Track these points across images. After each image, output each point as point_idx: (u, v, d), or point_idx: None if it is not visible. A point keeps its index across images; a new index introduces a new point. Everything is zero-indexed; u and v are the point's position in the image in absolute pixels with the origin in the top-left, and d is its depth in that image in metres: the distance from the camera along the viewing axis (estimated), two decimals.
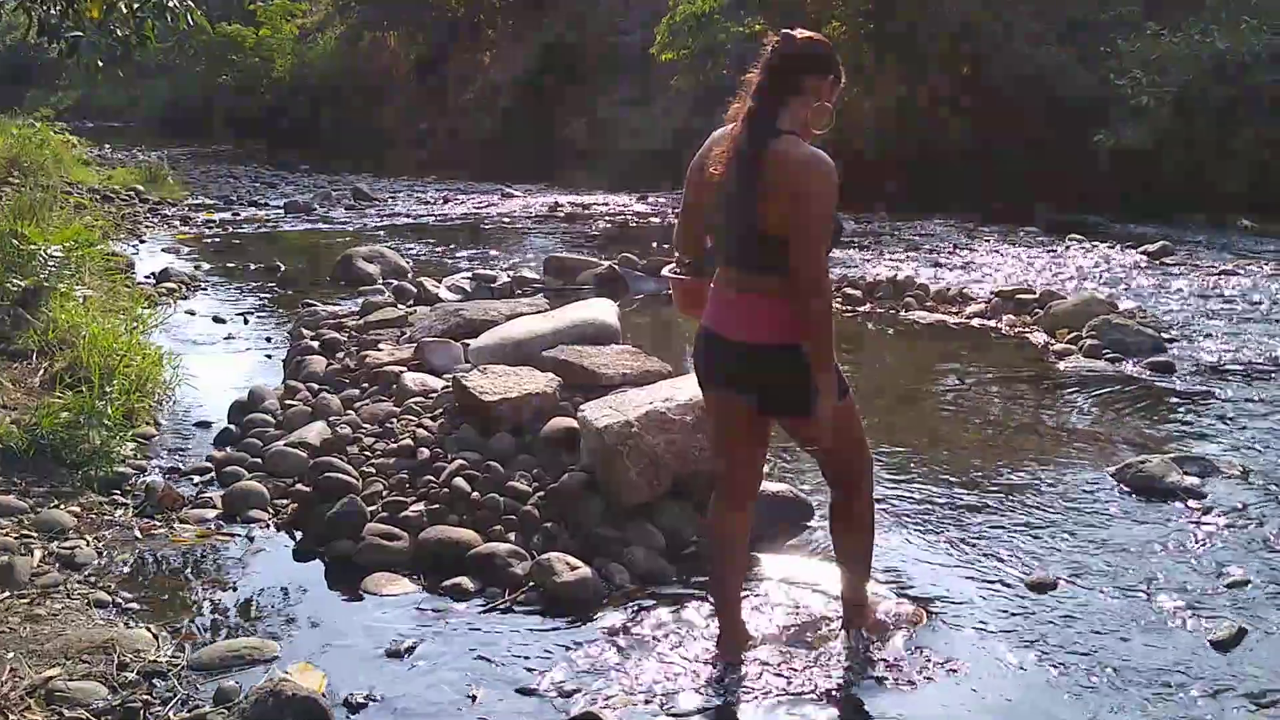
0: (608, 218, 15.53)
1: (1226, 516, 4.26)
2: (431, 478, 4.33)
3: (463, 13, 37.68)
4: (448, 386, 5.01)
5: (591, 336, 5.29)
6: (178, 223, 14.68)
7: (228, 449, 5.25)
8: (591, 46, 29.07)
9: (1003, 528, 4.26)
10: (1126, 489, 4.59)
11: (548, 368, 4.99)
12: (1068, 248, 11.71)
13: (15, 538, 3.99)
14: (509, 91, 31.95)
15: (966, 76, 18.56)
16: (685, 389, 4.37)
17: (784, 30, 2.92)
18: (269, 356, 7.34)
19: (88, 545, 4.03)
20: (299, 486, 4.37)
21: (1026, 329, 7.69)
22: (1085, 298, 7.69)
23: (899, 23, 19.11)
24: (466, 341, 5.73)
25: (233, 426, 5.58)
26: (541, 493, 4.21)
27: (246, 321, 8.54)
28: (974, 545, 4.10)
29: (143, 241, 12.80)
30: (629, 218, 15.53)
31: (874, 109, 19.38)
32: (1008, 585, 3.75)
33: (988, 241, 12.31)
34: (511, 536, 4.00)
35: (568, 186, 20.12)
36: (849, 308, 8.57)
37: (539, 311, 6.06)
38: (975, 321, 8.00)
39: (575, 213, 16.10)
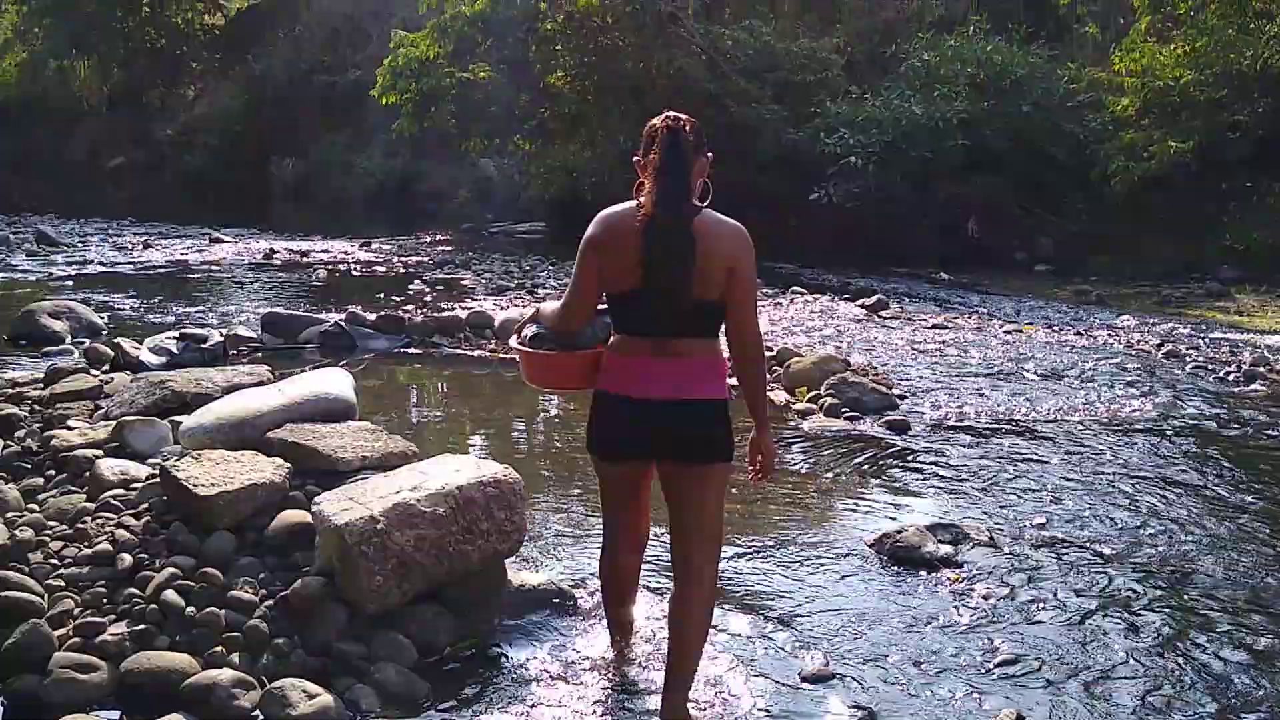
0: (328, 265, 14.75)
1: (985, 586, 4.29)
2: (136, 590, 3.68)
3: (164, 44, 35.40)
4: (154, 476, 4.35)
5: (325, 412, 4.76)
6: None
7: None
8: (301, 85, 27.94)
9: (768, 610, 4.10)
10: (886, 559, 4.56)
11: (275, 451, 4.42)
12: (791, 301, 12.08)
13: None
14: (215, 127, 30.24)
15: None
16: (433, 474, 3.96)
17: (671, 114, 3.17)
18: None
19: None
20: None
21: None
22: (822, 356, 7.84)
23: (619, 76, 19.41)
24: (177, 419, 5.05)
25: None
26: (270, 602, 3.67)
27: None
28: (740, 632, 3.91)
29: None
30: (352, 266, 14.82)
31: (596, 158, 19.56)
32: (780, 680, 3.56)
33: None
34: (236, 659, 3.44)
35: (283, 231, 19.07)
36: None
37: (261, 383, 5.45)
38: None
39: (293, 260, 15.22)
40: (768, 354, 8.04)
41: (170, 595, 3.61)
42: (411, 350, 8.84)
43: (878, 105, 17.28)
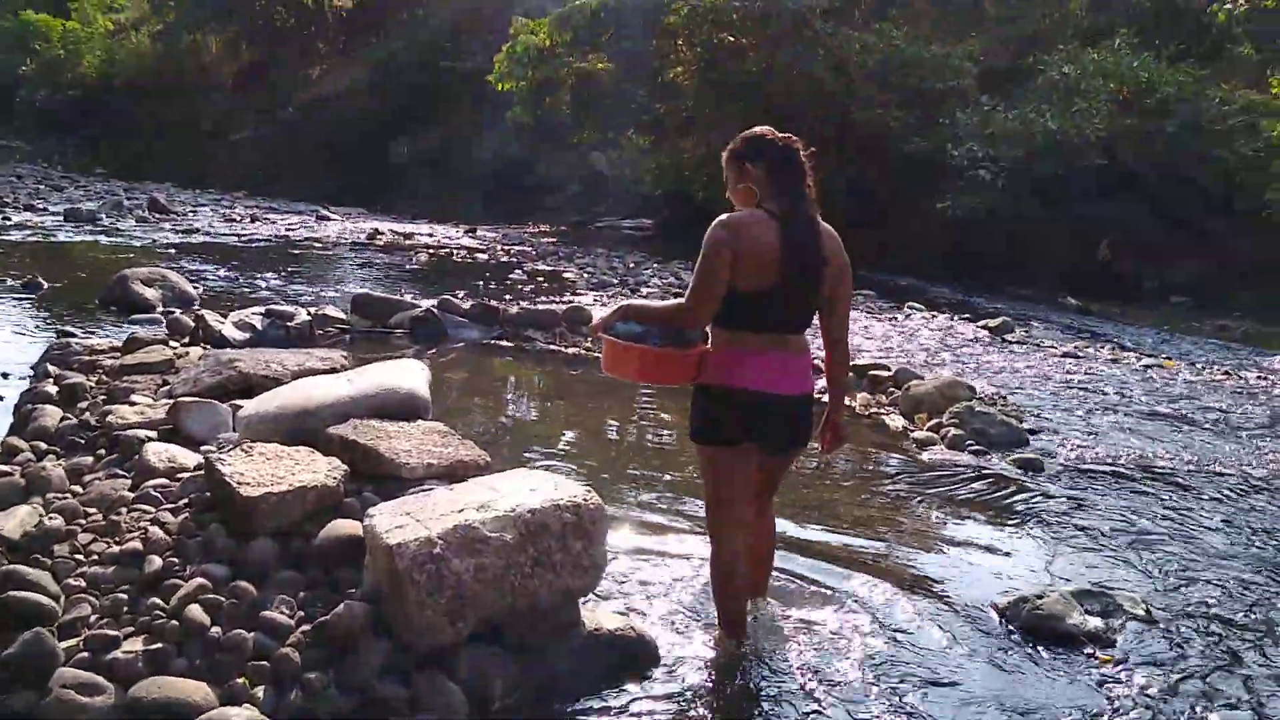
0: (430, 250, 14.45)
1: (1144, 675, 3.59)
2: (159, 600, 3.24)
3: (293, 23, 35.92)
4: (201, 467, 3.92)
5: (394, 408, 4.29)
6: None
7: None
8: (422, 69, 27.92)
9: (877, 680, 3.48)
10: (1019, 630, 3.89)
11: (333, 449, 3.96)
12: (908, 316, 11.35)
13: None
14: (337, 107, 30.47)
15: (808, 133, 18.42)
16: (504, 490, 3.44)
17: (778, 131, 3.44)
18: (0, 398, 6.01)
19: None
20: None
21: (883, 410, 7.07)
22: (945, 380, 7.13)
23: (741, 75, 18.81)
24: (238, 403, 4.64)
25: None
26: (308, 626, 3.19)
27: None
28: (847, 697, 3.30)
29: None
30: (454, 251, 14.49)
31: (711, 157, 19.00)
32: None
33: None
34: (260, 692, 2.97)
35: (391, 212, 18.93)
36: None
37: (332, 370, 5.01)
38: (826, 398, 7.32)
39: (395, 242, 14.97)
40: (885, 373, 7.39)
41: (195, 610, 3.15)
42: (504, 343, 8.37)
43: (1011, 117, 16.35)
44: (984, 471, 5.90)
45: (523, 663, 3.24)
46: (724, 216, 3.28)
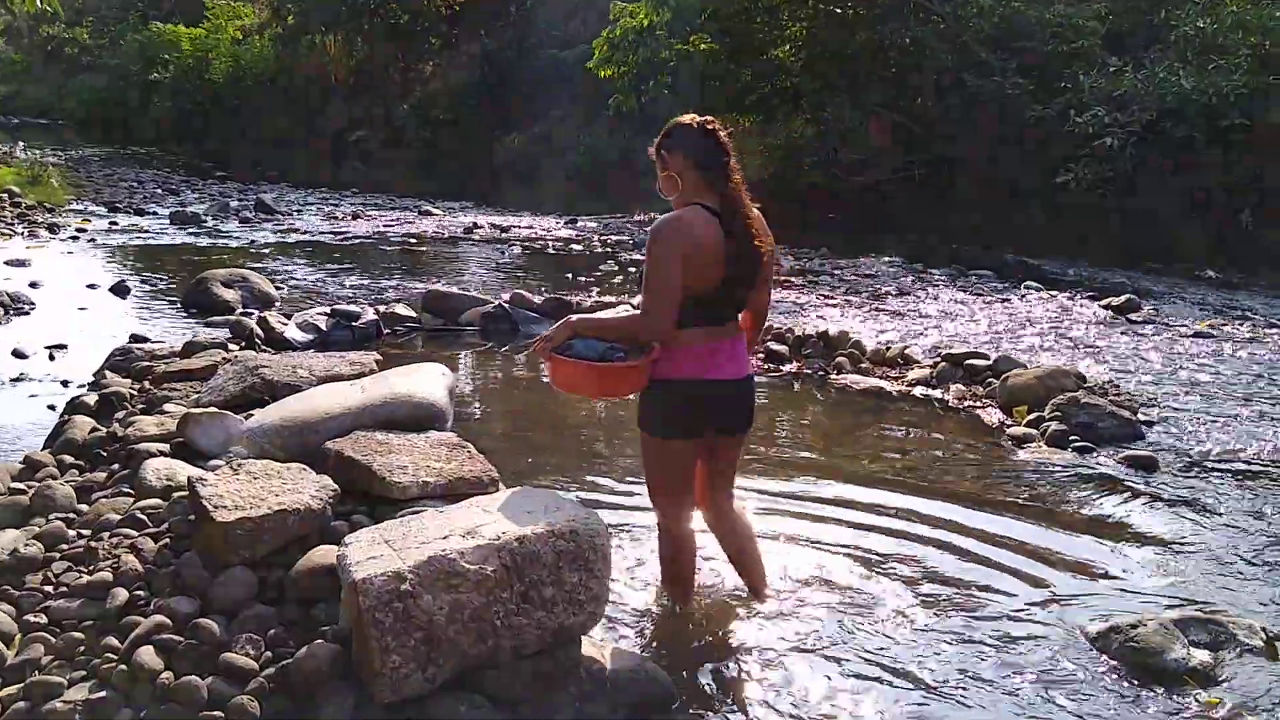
0: (526, 242, 14.20)
1: None
2: (115, 641, 2.94)
3: (405, 20, 36.32)
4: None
5: (404, 419, 3.94)
6: (44, 231, 13.12)
7: None
8: (530, 60, 27.81)
9: (954, 707, 2.98)
10: (1113, 661, 3.32)
11: (329, 466, 3.63)
12: (1023, 297, 10.57)
13: None
14: (446, 103, 30.64)
15: (917, 106, 17.54)
16: (497, 514, 3.04)
17: (704, 119, 3.36)
18: (52, 408, 5.91)
19: None
20: None
21: (978, 403, 6.44)
22: (1048, 369, 6.44)
23: (848, 49, 18.04)
24: (253, 412, 4.36)
25: None
26: (272, 670, 2.85)
27: (53, 358, 7.10)
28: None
29: None
30: (549, 243, 14.19)
31: (818, 135, 18.35)
32: None
33: (935, 287, 11.12)
34: None
35: (493, 205, 18.80)
36: (771, 365, 7.29)
37: (359, 374, 4.70)
38: (918, 390, 6.74)
39: (493, 235, 14.77)
40: (983, 362, 6.78)
41: (146, 654, 2.84)
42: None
43: (1140, 79, 15.20)
44: (1087, 472, 5.26)
45: (512, 714, 2.84)
46: (668, 218, 3.24)
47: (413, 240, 14.08)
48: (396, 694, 2.71)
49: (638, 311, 3.29)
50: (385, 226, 15.29)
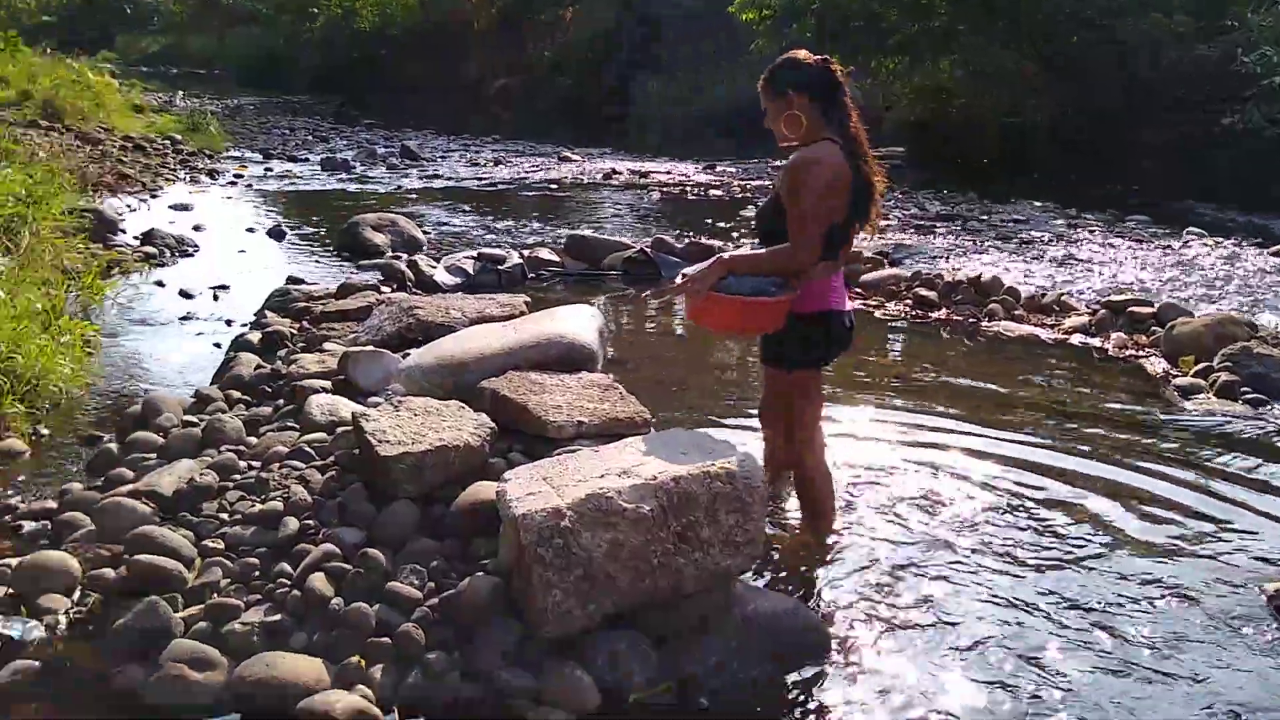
0: (664, 188, 14.14)
1: None
2: (288, 567, 3.06)
3: None
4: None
5: (557, 359, 3.98)
6: (205, 177, 13.66)
7: (99, 478, 4.08)
8: (670, 4, 27.51)
9: (1122, 671, 2.88)
10: None
11: (485, 404, 3.69)
12: (1186, 244, 10.04)
13: None
14: (585, 49, 30.63)
15: (1071, 45, 16.70)
16: (653, 454, 3.04)
17: (821, 57, 3.41)
18: (218, 345, 6.17)
19: None
20: (104, 570, 3.14)
21: (1141, 352, 6.16)
22: (1217, 317, 6.11)
23: None
24: (410, 351, 4.47)
25: (114, 447, 4.40)
26: (435, 601, 2.93)
27: (217, 298, 7.40)
28: (1063, 695, 2.74)
29: (155, 196, 11.79)
30: (688, 189, 14.12)
31: (969, 77, 17.69)
32: None
33: (1090, 232, 10.66)
34: (378, 672, 2.73)
35: (631, 151, 18.75)
36: (919, 312, 7.11)
37: (510, 316, 4.76)
38: (1075, 338, 6.48)
39: (631, 181, 14.76)
40: (1146, 309, 6.48)
41: (317, 581, 2.95)
42: None
43: None
44: (1258, 425, 4.98)
45: (665, 652, 2.86)
46: (811, 152, 3.26)
47: (553, 186, 14.18)
48: (559, 629, 2.75)
49: (782, 246, 3.27)
50: (526, 172, 15.44)
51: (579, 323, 4.16)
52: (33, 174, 7.55)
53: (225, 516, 3.39)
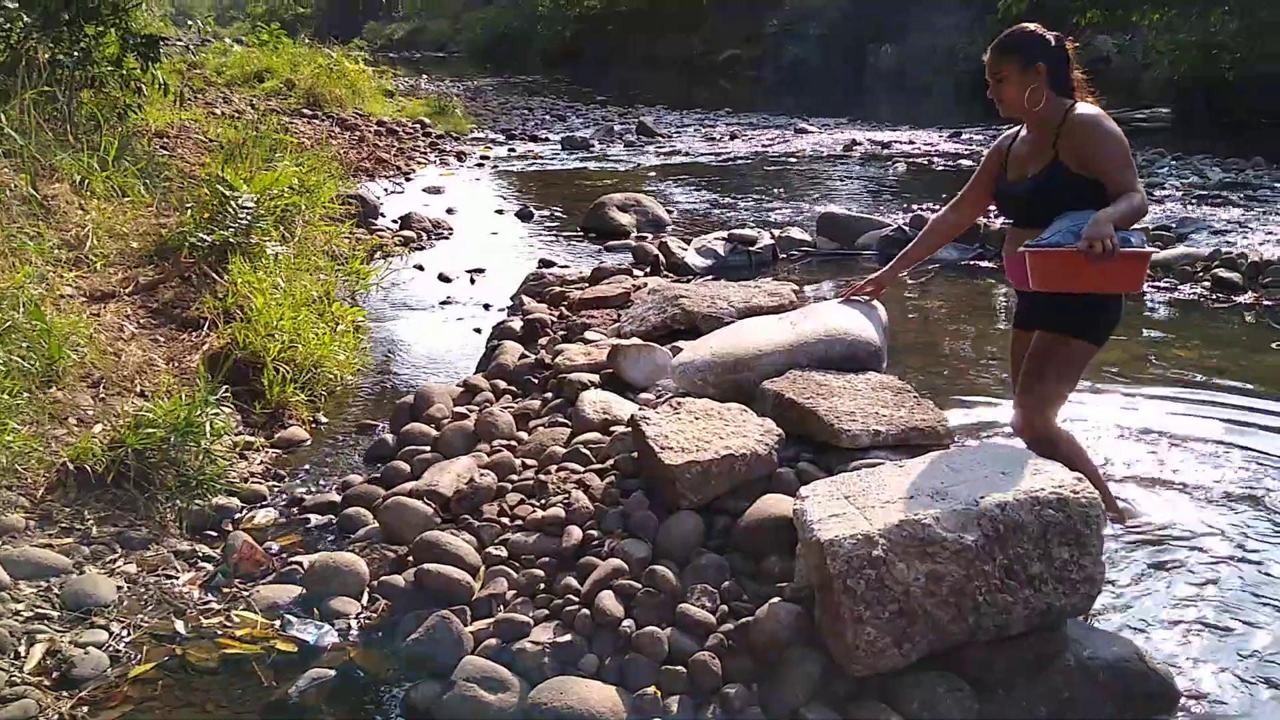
0: (909, 159, 13.53)
1: None
2: (574, 582, 2.94)
3: None
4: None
5: (840, 356, 3.69)
6: (453, 159, 14.05)
7: (379, 468, 4.14)
8: None
9: None
10: None
11: (768, 407, 3.46)
12: None
13: (23, 620, 2.97)
14: (818, 18, 29.92)
15: None
16: (967, 473, 2.73)
17: (1056, 34, 3.29)
18: (478, 331, 6.22)
19: (105, 643, 2.95)
20: (393, 577, 3.10)
21: None
22: None
23: None
24: (679, 345, 4.29)
25: (390, 438, 4.46)
26: (730, 625, 2.73)
27: (473, 281, 7.50)
28: None
29: (409, 179, 12.19)
30: (934, 160, 13.45)
31: (1243, 30, 16.09)
32: None
33: None
34: (673, 703, 2.56)
35: (869, 121, 18.08)
36: (1220, 295, 6.40)
37: (779, 307, 4.50)
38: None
39: (873, 152, 14.20)
40: None
41: (607, 600, 2.80)
42: (985, 263, 7.40)
43: None
44: None
45: (989, 700, 2.55)
46: (1098, 110, 3.18)
47: (792, 160, 13.81)
48: (869, 668, 2.49)
49: (1134, 193, 2.99)
50: (763, 146, 15.11)
51: (863, 317, 3.86)
52: (304, 162, 7.84)
53: (506, 521, 3.31)
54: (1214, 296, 6.39)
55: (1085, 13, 18.79)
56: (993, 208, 3.87)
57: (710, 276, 6.99)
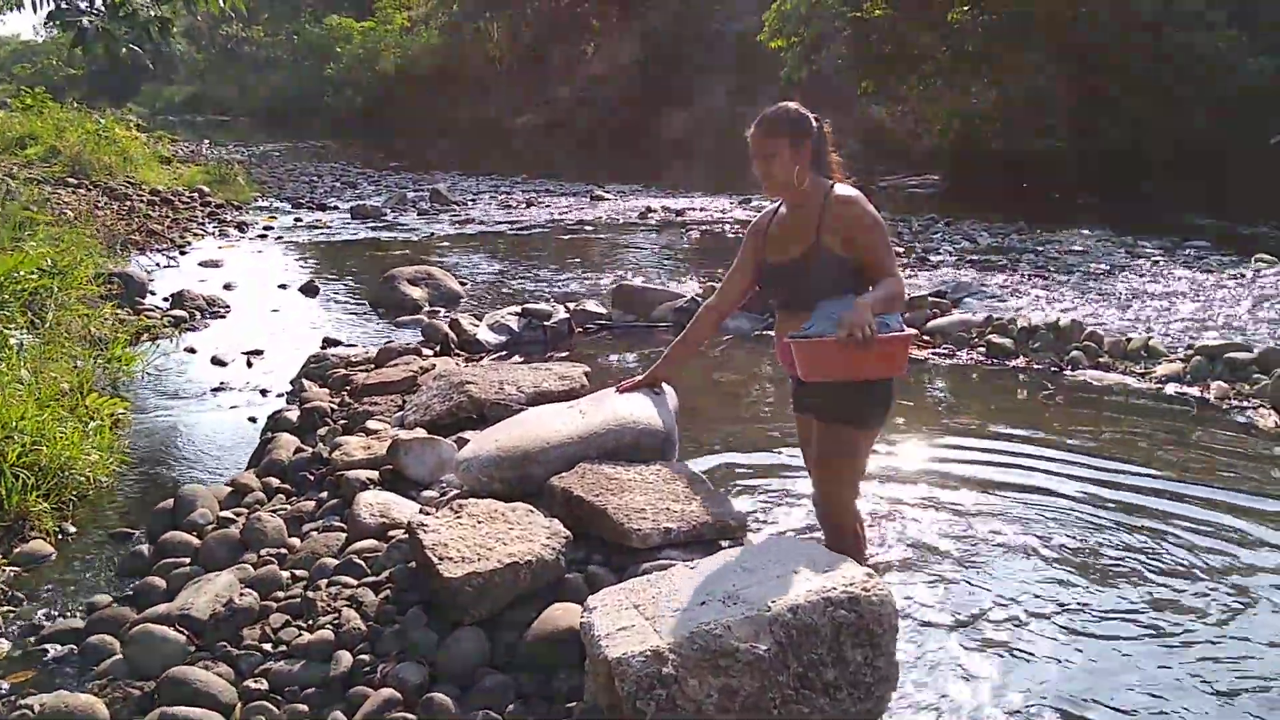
0: (703, 225, 13.78)
1: None
2: (342, 716, 2.65)
3: (566, 2, 36.38)
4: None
5: (629, 446, 3.56)
6: (234, 230, 13.41)
7: (132, 584, 3.72)
8: (692, 36, 27.36)
9: None
10: None
11: (556, 505, 3.28)
12: (1258, 273, 9.54)
13: None
14: (609, 85, 30.49)
15: (1115, 65, 16.23)
16: (759, 567, 2.63)
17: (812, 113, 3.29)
18: (253, 420, 5.80)
19: None
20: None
21: (1245, 403, 5.69)
22: None
23: (1034, 6, 16.86)
24: (465, 435, 4.07)
25: (146, 548, 4.03)
26: None
27: (250, 364, 7.05)
28: None
29: (184, 252, 11.54)
30: (726, 226, 13.75)
31: (1004, 103, 17.27)
32: None
33: (1153, 263, 10.18)
34: None
35: (664, 187, 18.41)
36: (994, 360, 6.66)
37: (569, 392, 4.36)
38: (1170, 388, 6.01)
39: (668, 219, 14.40)
40: (1246, 355, 6.02)
41: None
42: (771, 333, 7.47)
43: None
44: None
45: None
46: (857, 192, 3.19)
47: (589, 228, 13.84)
48: None
49: (891, 278, 3.05)
50: (560, 213, 15.10)
51: (652, 403, 3.74)
52: (60, 240, 7.23)
53: (269, 647, 2.99)
54: (990, 361, 6.64)
55: (861, 82, 19.79)
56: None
57: (503, 353, 6.81)
